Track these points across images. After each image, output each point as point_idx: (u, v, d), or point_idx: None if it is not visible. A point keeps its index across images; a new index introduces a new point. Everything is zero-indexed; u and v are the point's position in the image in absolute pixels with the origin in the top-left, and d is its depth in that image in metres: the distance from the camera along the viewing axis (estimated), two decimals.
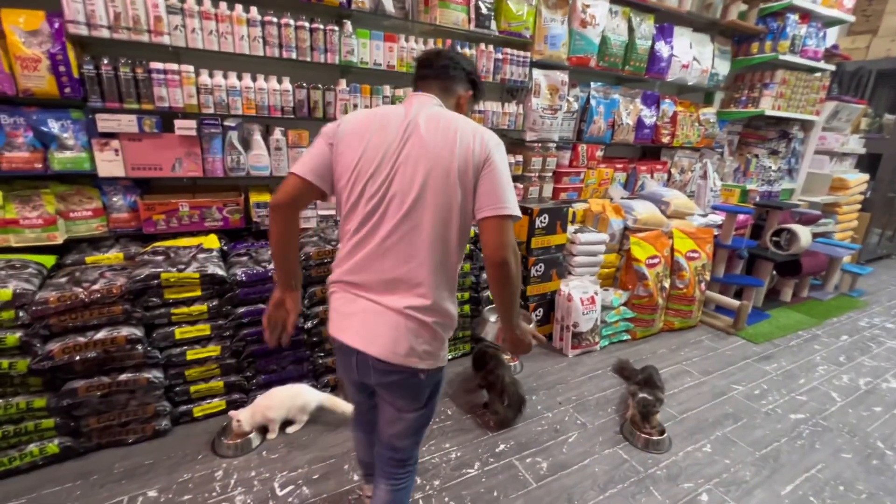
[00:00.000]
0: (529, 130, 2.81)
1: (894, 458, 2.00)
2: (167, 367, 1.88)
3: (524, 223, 2.66)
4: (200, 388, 1.96)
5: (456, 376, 2.45)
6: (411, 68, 2.31)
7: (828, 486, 1.82)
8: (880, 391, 2.53)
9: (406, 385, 1.09)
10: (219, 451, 1.82)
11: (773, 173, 4.05)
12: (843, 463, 1.95)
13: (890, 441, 2.10)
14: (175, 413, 1.94)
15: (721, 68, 3.56)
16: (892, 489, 1.82)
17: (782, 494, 1.76)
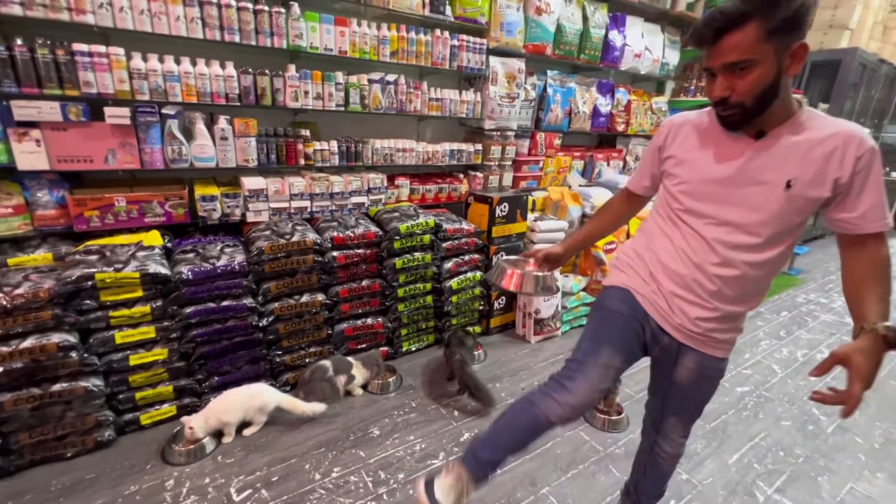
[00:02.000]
0: (488, 119, 2.79)
1: (827, 422, 2.16)
2: (108, 373, 1.75)
3: (484, 212, 2.66)
4: (147, 394, 1.85)
5: (421, 367, 2.43)
6: (364, 54, 2.25)
7: (769, 452, 1.94)
8: (815, 361, 2.70)
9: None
10: (169, 459, 1.73)
11: None
12: (783, 430, 2.09)
13: (823, 408, 2.26)
14: (120, 422, 1.82)
15: (671, 58, 3.67)
16: (825, 451, 1.97)
17: (730, 463, 1.86)
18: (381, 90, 2.35)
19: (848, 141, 0.90)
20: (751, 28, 0.83)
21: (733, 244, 1.02)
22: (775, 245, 1.00)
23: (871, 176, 0.90)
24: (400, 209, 2.43)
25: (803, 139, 0.93)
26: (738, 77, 0.88)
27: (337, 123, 2.51)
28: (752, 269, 1.02)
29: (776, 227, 0.98)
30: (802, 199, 0.94)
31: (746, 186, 0.98)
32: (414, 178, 2.70)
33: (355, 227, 2.21)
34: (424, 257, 2.39)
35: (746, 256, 1.01)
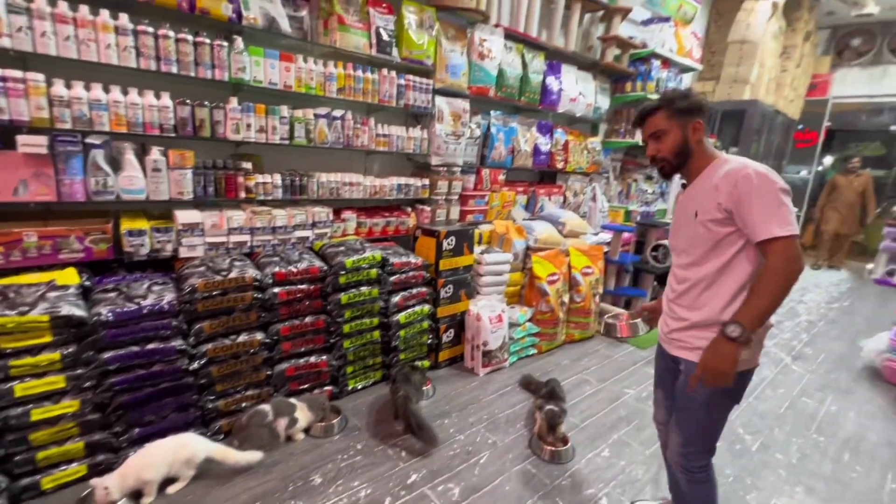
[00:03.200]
0: (434, 155, 2.87)
1: (751, 440, 2.32)
2: (3, 432, 1.54)
3: (432, 245, 2.69)
4: (51, 453, 1.64)
5: (367, 406, 2.35)
6: (310, 89, 2.26)
7: None
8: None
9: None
10: None
11: (649, 195, 4.60)
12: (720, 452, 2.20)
13: (748, 427, 2.43)
14: (15, 489, 1.59)
15: (602, 103, 3.99)
16: (751, 469, 2.10)
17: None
18: (328, 125, 2.36)
19: (728, 175, 1.22)
20: (660, 113, 1.32)
21: (681, 264, 1.38)
22: (706, 261, 1.30)
23: (749, 196, 1.17)
24: (346, 243, 2.40)
25: (706, 181, 1.28)
26: (659, 142, 1.33)
27: (282, 156, 2.47)
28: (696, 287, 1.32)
29: (699, 248, 1.31)
30: (705, 223, 1.27)
31: (681, 222, 1.39)
32: (361, 212, 2.69)
33: (299, 262, 2.15)
34: (371, 292, 2.35)
35: (688, 272, 1.34)
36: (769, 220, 1.15)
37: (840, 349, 3.63)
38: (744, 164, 1.20)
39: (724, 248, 1.25)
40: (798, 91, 6.56)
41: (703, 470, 1.41)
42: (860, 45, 6.72)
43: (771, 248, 1.16)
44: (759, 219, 1.16)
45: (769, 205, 1.16)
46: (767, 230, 1.15)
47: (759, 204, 1.16)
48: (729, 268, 1.25)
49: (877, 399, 2.84)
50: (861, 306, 4.93)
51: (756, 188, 1.16)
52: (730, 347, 1.17)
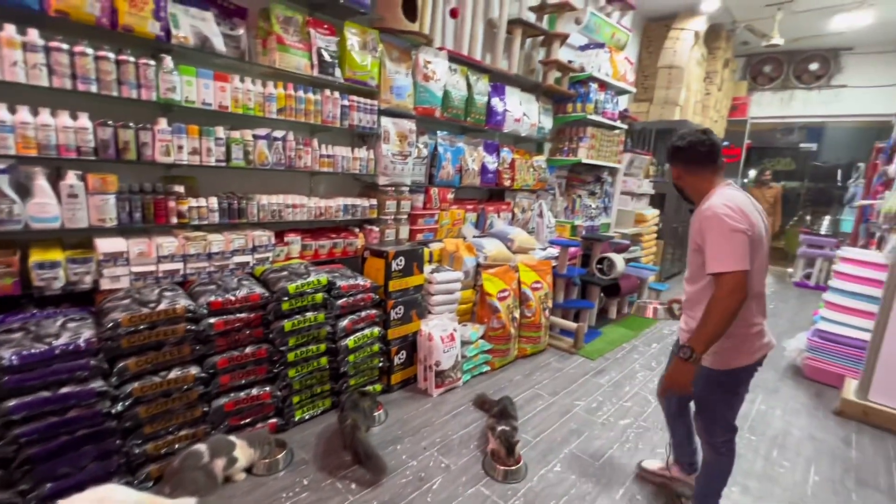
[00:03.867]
0: (382, 175, 2.85)
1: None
2: None
3: (381, 266, 2.65)
4: None
5: (315, 437, 2.25)
6: (248, 109, 2.19)
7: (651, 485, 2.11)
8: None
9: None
10: None
11: (593, 210, 4.81)
12: (658, 458, 2.29)
13: None
14: None
15: (546, 123, 4.16)
16: None
17: (617, 498, 1.98)
18: (268, 146, 2.29)
19: (699, 213, 1.52)
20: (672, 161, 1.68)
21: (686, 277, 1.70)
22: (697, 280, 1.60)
23: (706, 234, 1.46)
24: (289, 267, 2.32)
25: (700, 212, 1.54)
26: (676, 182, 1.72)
27: (220, 179, 2.36)
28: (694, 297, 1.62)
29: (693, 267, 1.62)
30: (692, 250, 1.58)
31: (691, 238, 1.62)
32: (306, 234, 2.61)
33: (237, 290, 2.04)
34: (317, 317, 2.27)
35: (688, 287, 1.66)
36: (713, 258, 1.41)
37: None
38: (710, 206, 1.48)
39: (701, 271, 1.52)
40: (721, 112, 7.16)
41: (725, 444, 1.70)
42: (771, 72, 7.47)
43: (714, 282, 1.43)
44: (709, 255, 1.43)
45: (716, 243, 1.42)
46: (711, 266, 1.42)
47: (710, 242, 1.43)
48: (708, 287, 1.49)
49: (800, 396, 3.08)
50: (784, 308, 5.37)
51: (710, 228, 1.44)
52: (684, 366, 1.46)
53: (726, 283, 1.38)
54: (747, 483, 2.14)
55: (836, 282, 3.36)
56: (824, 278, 6.40)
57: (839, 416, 2.82)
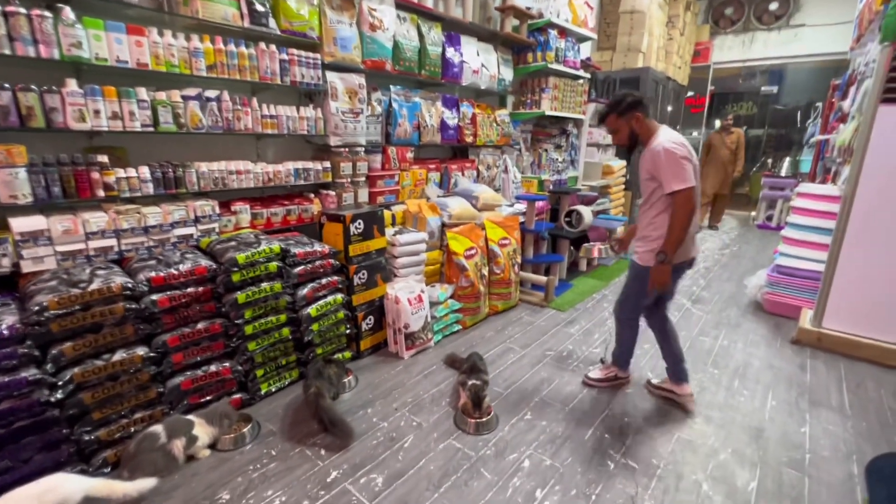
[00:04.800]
0: (333, 135, 2.70)
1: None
2: None
3: (339, 231, 2.55)
4: None
5: (283, 409, 2.20)
6: (172, 67, 2.00)
7: (619, 421, 2.16)
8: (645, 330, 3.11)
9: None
10: None
11: (560, 164, 4.76)
12: (627, 399, 2.35)
13: (655, 370, 2.61)
14: None
15: (506, 75, 4.01)
16: (660, 408, 2.25)
17: (585, 439, 2.02)
18: (201, 107, 2.11)
19: (650, 150, 1.96)
20: (611, 116, 2.07)
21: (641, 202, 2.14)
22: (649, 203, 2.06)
23: (660, 164, 1.89)
24: (239, 237, 2.19)
25: (647, 151, 2.00)
26: (616, 135, 2.10)
27: (155, 147, 2.18)
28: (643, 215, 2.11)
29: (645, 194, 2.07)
30: (644, 180, 2.04)
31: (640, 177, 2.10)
32: (256, 202, 2.47)
33: (180, 264, 1.92)
34: (273, 287, 2.18)
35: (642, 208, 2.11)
36: (671, 180, 1.86)
37: (730, 289, 4.04)
38: (659, 142, 1.91)
39: (655, 194, 2.00)
40: (684, 58, 7.09)
41: (622, 320, 2.32)
42: (732, 14, 7.39)
43: (673, 198, 1.88)
44: (667, 179, 1.87)
45: (671, 170, 1.86)
46: (671, 186, 1.86)
47: (665, 170, 1.87)
48: (657, 204, 2.00)
49: (759, 329, 3.20)
50: (747, 249, 5.54)
51: (664, 160, 1.87)
52: (663, 267, 1.94)
53: (682, 197, 1.84)
54: (710, 413, 2.22)
55: (794, 217, 3.44)
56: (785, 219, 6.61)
57: (796, 344, 2.95)
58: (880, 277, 2.66)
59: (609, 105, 2.05)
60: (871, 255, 2.67)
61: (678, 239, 1.87)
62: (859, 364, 2.70)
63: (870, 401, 2.34)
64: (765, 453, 1.95)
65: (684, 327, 3.20)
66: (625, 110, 1.99)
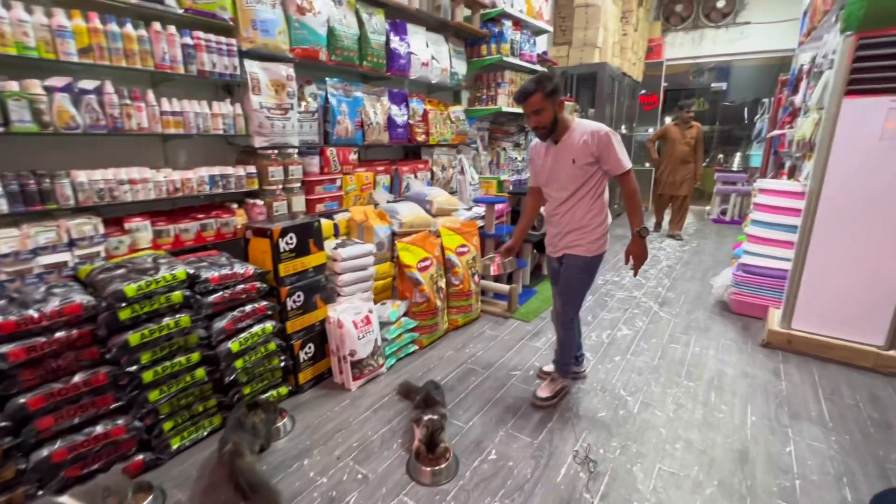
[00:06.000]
0: (257, 135, 2.31)
1: (633, 401, 2.28)
2: None
3: (266, 248, 2.16)
4: None
5: (197, 469, 1.81)
6: (27, 50, 1.56)
7: (591, 452, 1.91)
8: (617, 341, 2.95)
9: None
10: None
11: (520, 163, 4.53)
12: (599, 423, 2.11)
13: (629, 386, 2.40)
14: None
15: (459, 68, 3.72)
16: (634, 435, 2.03)
17: (558, 481, 1.76)
18: (73, 101, 1.68)
19: (593, 134, 1.87)
20: (537, 94, 1.83)
21: (560, 198, 2.02)
22: (580, 193, 1.97)
23: (608, 146, 1.86)
24: (131, 262, 1.77)
25: (574, 138, 1.91)
26: (538, 116, 1.87)
27: (18, 152, 1.72)
28: (573, 208, 2.00)
29: (576, 182, 1.95)
30: (581, 166, 1.91)
31: (556, 167, 1.98)
32: (160, 217, 2.05)
33: (43, 303, 1.49)
34: (179, 321, 1.78)
35: (568, 203, 2.01)
36: (622, 160, 1.88)
37: (696, 288, 3.94)
38: (599, 126, 1.88)
39: (592, 179, 1.95)
40: (638, 55, 7.09)
41: (572, 321, 2.18)
42: (682, 11, 7.47)
43: (626, 178, 1.92)
44: (616, 160, 1.88)
45: (618, 151, 1.88)
46: (622, 167, 1.89)
47: (614, 152, 1.87)
48: (593, 190, 1.97)
49: (728, 332, 3.07)
50: (706, 245, 5.54)
51: (613, 141, 1.86)
52: (643, 242, 1.97)
53: (633, 176, 1.92)
54: (690, 436, 2.01)
55: (756, 214, 3.36)
56: (738, 212, 6.72)
57: (766, 347, 2.83)
58: (849, 275, 2.57)
59: (536, 81, 1.83)
60: (839, 252, 2.57)
61: (642, 213, 1.97)
62: (831, 366, 2.61)
63: (847, 408, 2.22)
64: (753, 482, 1.75)
65: (653, 333, 3.03)
66: (553, 91, 1.84)
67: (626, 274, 4.34)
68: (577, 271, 2.05)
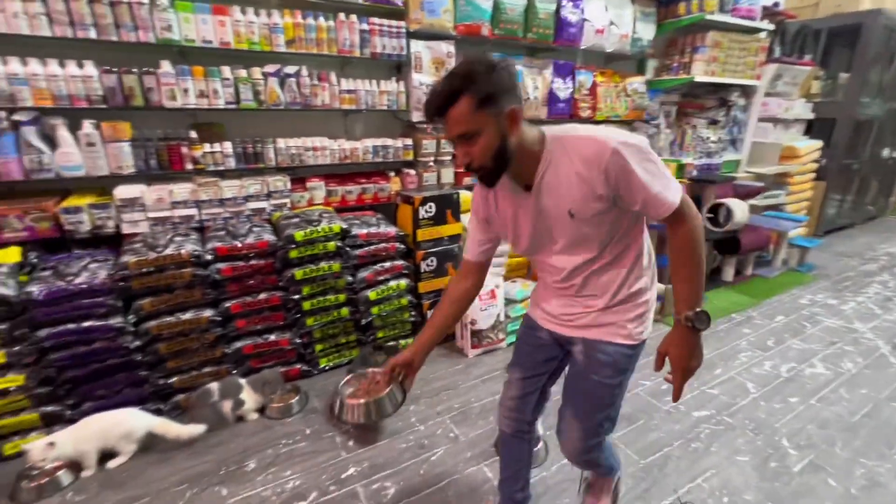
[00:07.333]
0: (415, 110, 2.53)
1: (797, 457, 1.78)
2: None
3: (409, 214, 2.41)
4: (9, 422, 1.72)
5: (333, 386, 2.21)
6: (252, 45, 2.05)
7: (711, 497, 1.60)
8: (802, 378, 2.31)
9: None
10: (17, 496, 1.59)
11: (713, 144, 3.78)
12: (736, 468, 1.73)
13: (797, 438, 1.88)
14: None
15: (645, 33, 3.27)
16: (783, 497, 1.60)
17: None
18: (279, 84, 2.14)
19: (590, 161, 0.93)
20: (463, 103, 0.88)
21: (565, 268, 1.09)
22: (603, 259, 1.07)
23: (628, 174, 0.92)
24: (303, 214, 2.22)
25: (559, 176, 0.98)
26: (471, 145, 0.93)
27: (249, 124, 2.31)
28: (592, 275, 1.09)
29: (592, 242, 1.04)
30: (588, 216, 0.99)
31: (539, 227, 1.07)
32: (333, 180, 2.48)
33: (245, 236, 2.02)
34: (331, 266, 2.16)
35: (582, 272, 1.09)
36: (663, 190, 0.94)
37: None
38: (599, 138, 0.93)
39: (617, 232, 1.04)
40: None
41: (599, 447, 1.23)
42: None
43: (675, 219, 0.98)
44: (648, 194, 0.94)
45: (652, 175, 0.93)
46: (665, 202, 0.95)
47: (639, 179, 0.93)
48: (626, 247, 1.08)
49: None
50: None
51: (629, 162, 0.91)
52: (694, 337, 1.01)
53: (688, 209, 0.98)
54: None
55: None
56: None
57: None
58: None
59: (459, 75, 0.89)
60: None
61: (703, 280, 1.01)
62: None
63: None
64: None
65: (867, 382, 2.26)
66: (492, 94, 0.89)
67: (850, 296, 3.27)
68: (612, 372, 1.11)
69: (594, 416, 1.15)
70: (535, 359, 1.27)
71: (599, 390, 1.12)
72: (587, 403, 1.15)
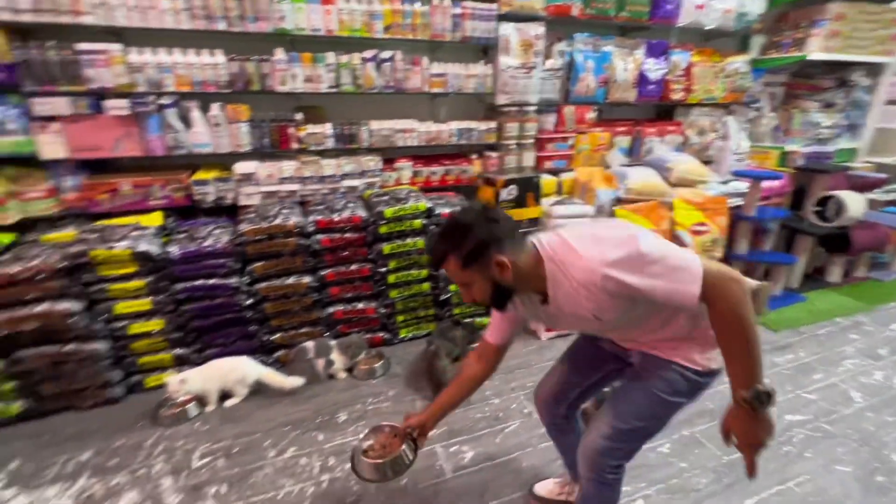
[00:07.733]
0: (501, 93, 2.55)
1: None
2: (116, 339, 1.98)
3: (491, 196, 2.46)
4: (150, 359, 2.06)
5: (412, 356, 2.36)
6: (353, 31, 2.19)
7: (804, 502, 1.53)
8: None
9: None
10: (157, 420, 1.91)
11: (825, 130, 3.40)
12: (835, 476, 1.63)
13: None
14: (130, 383, 2.06)
15: (753, 6, 2.99)
16: None
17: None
18: (375, 68, 2.27)
19: (587, 286, 0.93)
20: (451, 262, 0.99)
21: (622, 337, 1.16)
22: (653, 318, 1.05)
23: (629, 287, 0.89)
24: (393, 192, 2.35)
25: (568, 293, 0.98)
26: (469, 290, 1.03)
27: (344, 106, 2.47)
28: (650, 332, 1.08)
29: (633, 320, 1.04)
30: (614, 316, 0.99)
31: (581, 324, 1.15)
32: (419, 160, 2.59)
33: (342, 211, 2.19)
34: (416, 243, 2.29)
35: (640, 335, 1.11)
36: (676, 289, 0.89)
37: None
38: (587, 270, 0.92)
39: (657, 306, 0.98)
40: None
41: (615, 471, 1.15)
42: None
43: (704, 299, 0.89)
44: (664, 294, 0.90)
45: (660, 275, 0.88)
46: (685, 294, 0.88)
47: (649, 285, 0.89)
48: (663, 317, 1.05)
49: None
50: None
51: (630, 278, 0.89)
52: (761, 415, 0.90)
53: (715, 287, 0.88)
54: None
55: None
56: None
57: None
58: None
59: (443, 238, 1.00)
60: None
61: (755, 357, 0.88)
62: None
63: None
64: None
65: None
66: (473, 253, 0.96)
67: None
68: (665, 387, 1.07)
69: (629, 421, 1.09)
70: (588, 357, 1.29)
71: (645, 397, 1.09)
72: (628, 405, 1.11)
